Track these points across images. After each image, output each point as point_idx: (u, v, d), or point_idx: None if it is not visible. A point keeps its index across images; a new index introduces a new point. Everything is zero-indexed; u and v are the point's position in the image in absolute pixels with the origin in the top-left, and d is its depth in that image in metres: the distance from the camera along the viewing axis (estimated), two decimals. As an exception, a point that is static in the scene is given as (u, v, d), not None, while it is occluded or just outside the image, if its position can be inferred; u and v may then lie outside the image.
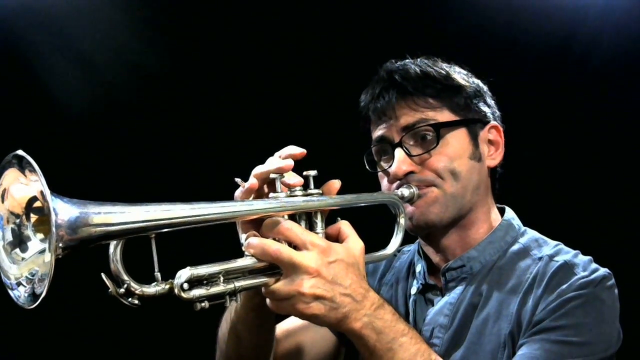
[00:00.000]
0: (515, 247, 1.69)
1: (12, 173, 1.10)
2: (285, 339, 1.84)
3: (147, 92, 3.02)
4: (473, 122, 1.72)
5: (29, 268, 1.11)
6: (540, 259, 1.63)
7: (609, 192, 2.76)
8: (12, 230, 1.12)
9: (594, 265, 1.58)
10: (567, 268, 1.57)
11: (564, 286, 1.52)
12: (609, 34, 2.71)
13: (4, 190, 1.11)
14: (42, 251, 1.10)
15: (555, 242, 1.69)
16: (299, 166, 1.46)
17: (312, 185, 1.43)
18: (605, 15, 2.70)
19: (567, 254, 1.62)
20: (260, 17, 2.97)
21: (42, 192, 1.05)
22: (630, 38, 2.69)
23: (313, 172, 1.43)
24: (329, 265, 1.32)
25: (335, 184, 1.48)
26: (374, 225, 1.58)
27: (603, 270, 1.57)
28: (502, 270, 1.66)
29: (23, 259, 1.12)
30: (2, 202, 1.11)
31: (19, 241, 1.12)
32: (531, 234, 1.74)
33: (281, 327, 1.83)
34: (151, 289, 1.21)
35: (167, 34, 3.03)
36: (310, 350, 1.86)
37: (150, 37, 3.02)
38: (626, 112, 2.74)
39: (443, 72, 1.71)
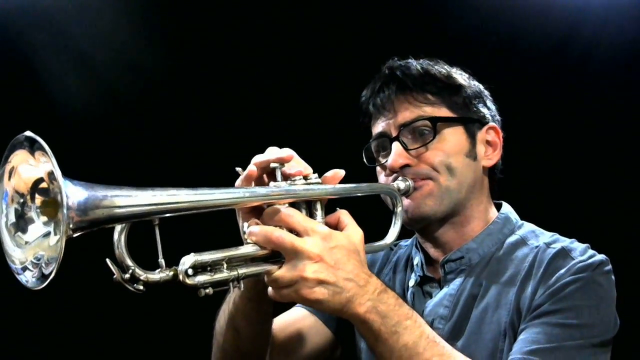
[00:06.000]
0: (513, 238, 1.71)
1: (21, 154, 1.09)
2: (281, 333, 1.83)
3: (148, 92, 3.01)
4: (471, 122, 1.74)
5: (34, 252, 1.10)
6: (537, 247, 1.64)
7: (608, 191, 2.76)
8: (16, 210, 1.11)
9: (591, 251, 1.60)
10: (565, 253, 1.58)
11: (562, 270, 1.54)
12: (609, 34, 2.71)
13: (12, 169, 1.11)
14: (46, 234, 1.10)
15: (552, 233, 1.71)
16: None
17: (312, 175, 1.43)
18: (605, 15, 2.71)
19: (564, 241, 1.64)
20: (262, 16, 2.97)
21: (51, 174, 1.05)
22: (630, 38, 2.69)
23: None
24: (331, 251, 1.32)
25: (339, 173, 1.48)
26: (371, 218, 1.58)
27: (600, 256, 1.58)
28: (500, 260, 1.67)
29: (27, 242, 1.11)
30: (9, 179, 1.11)
31: (22, 223, 1.11)
32: (528, 226, 1.76)
33: (277, 322, 1.82)
34: (156, 275, 1.21)
35: (167, 34, 3.03)
36: (306, 344, 1.85)
37: (150, 37, 3.01)
38: (626, 112, 2.74)
39: (444, 71, 1.75)
